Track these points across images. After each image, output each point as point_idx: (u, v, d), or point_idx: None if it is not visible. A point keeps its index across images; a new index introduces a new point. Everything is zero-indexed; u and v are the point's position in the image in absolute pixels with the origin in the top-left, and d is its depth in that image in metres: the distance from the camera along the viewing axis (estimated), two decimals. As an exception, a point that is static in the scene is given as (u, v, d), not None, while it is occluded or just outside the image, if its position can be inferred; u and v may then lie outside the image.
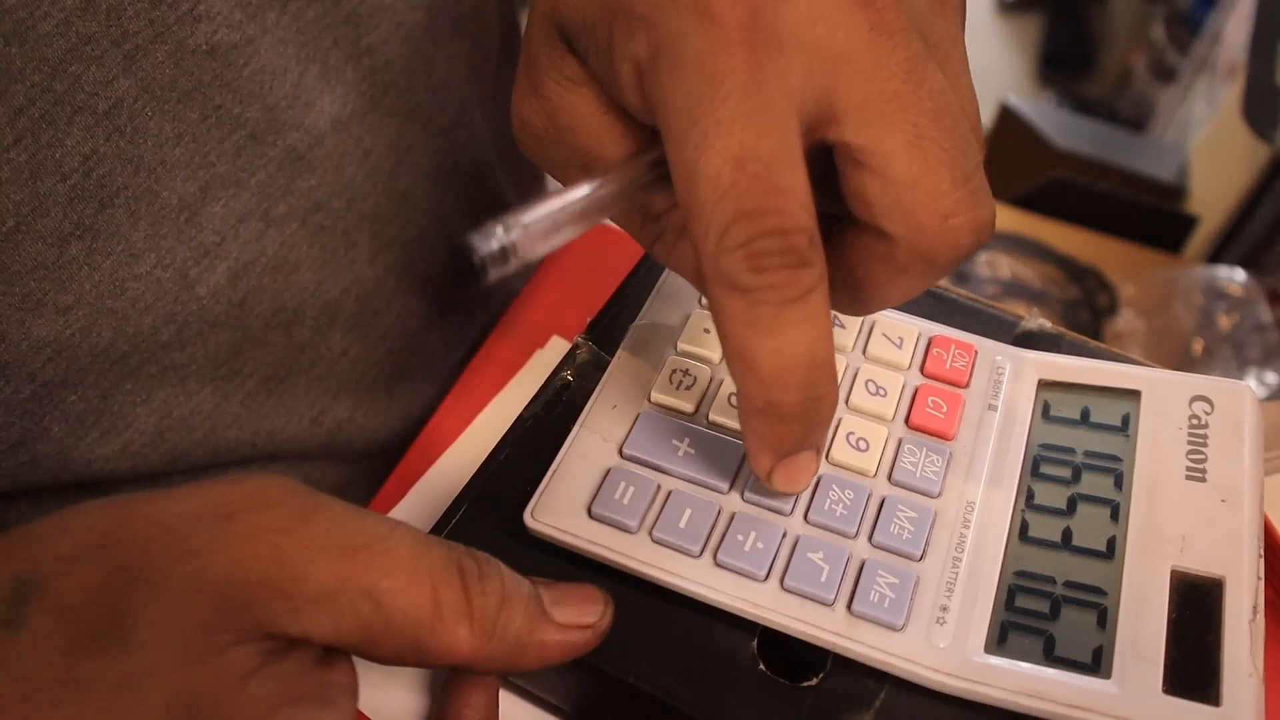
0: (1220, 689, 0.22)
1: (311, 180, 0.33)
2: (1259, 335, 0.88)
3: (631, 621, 0.25)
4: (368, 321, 0.37)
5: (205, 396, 0.33)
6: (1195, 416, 0.27)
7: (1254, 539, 0.24)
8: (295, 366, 0.36)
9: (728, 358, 0.22)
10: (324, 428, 0.37)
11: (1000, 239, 0.98)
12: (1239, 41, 1.12)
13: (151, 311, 0.30)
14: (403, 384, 0.40)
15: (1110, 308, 0.93)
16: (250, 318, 0.33)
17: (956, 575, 0.25)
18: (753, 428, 0.23)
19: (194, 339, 0.32)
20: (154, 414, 0.32)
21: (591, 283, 0.38)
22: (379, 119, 0.35)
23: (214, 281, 0.31)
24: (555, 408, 0.29)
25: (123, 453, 0.32)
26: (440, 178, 0.39)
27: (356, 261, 0.36)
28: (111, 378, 0.30)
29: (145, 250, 0.29)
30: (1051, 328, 0.31)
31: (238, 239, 0.31)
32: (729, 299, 0.21)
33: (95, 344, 0.29)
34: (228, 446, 0.35)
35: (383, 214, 0.36)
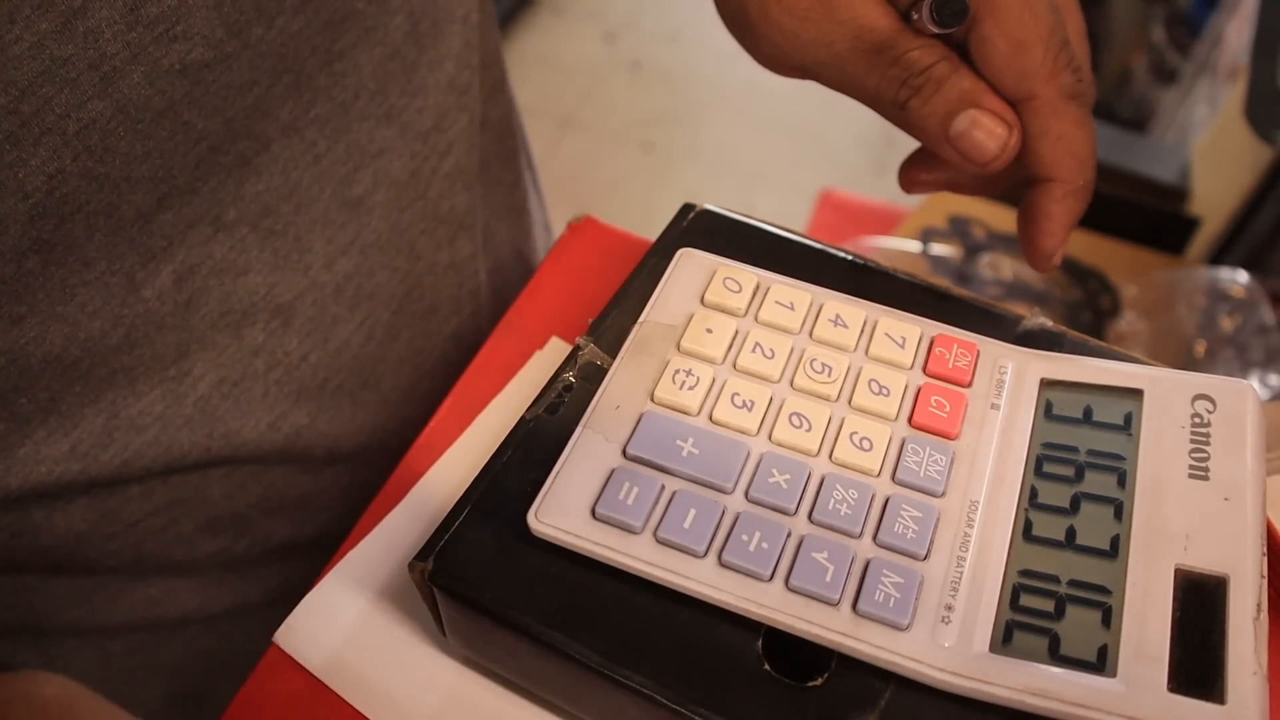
0: (1225, 687, 0.22)
1: (259, 184, 0.33)
2: (1261, 337, 0.88)
3: (635, 622, 0.25)
4: (327, 327, 0.37)
5: (155, 398, 0.33)
6: (1198, 415, 0.27)
7: (1257, 537, 0.24)
8: (249, 370, 0.35)
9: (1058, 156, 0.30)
10: (282, 433, 0.37)
11: (1002, 240, 0.98)
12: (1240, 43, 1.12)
13: (100, 316, 0.30)
14: (368, 392, 0.40)
15: (1113, 309, 0.93)
16: (196, 319, 0.33)
17: (961, 574, 0.25)
18: (1066, 208, 0.31)
19: (141, 341, 0.32)
20: (101, 413, 0.32)
21: (591, 283, 0.38)
22: (345, 123, 0.35)
23: (159, 284, 0.31)
24: (558, 409, 0.29)
25: (71, 453, 0.32)
26: (413, 185, 0.38)
27: (312, 267, 0.36)
28: (62, 381, 0.31)
29: (97, 258, 0.29)
30: (1053, 327, 0.31)
31: (185, 243, 0.32)
32: (1065, 104, 0.29)
33: (47, 351, 0.30)
34: (181, 450, 0.34)
35: (333, 218, 0.36)
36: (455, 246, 0.41)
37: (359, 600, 0.31)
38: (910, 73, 0.30)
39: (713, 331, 0.30)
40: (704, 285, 0.31)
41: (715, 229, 0.34)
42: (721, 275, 0.31)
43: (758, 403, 0.28)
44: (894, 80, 0.30)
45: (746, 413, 0.28)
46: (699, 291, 0.31)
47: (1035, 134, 0.30)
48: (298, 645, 0.30)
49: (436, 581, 0.26)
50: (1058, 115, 0.29)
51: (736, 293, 0.31)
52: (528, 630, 0.25)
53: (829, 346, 0.30)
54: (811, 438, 0.27)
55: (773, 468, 0.27)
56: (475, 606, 0.26)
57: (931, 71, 0.29)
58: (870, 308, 0.30)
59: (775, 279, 0.31)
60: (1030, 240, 0.32)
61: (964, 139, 0.30)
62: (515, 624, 0.25)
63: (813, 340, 0.30)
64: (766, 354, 0.29)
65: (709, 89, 1.94)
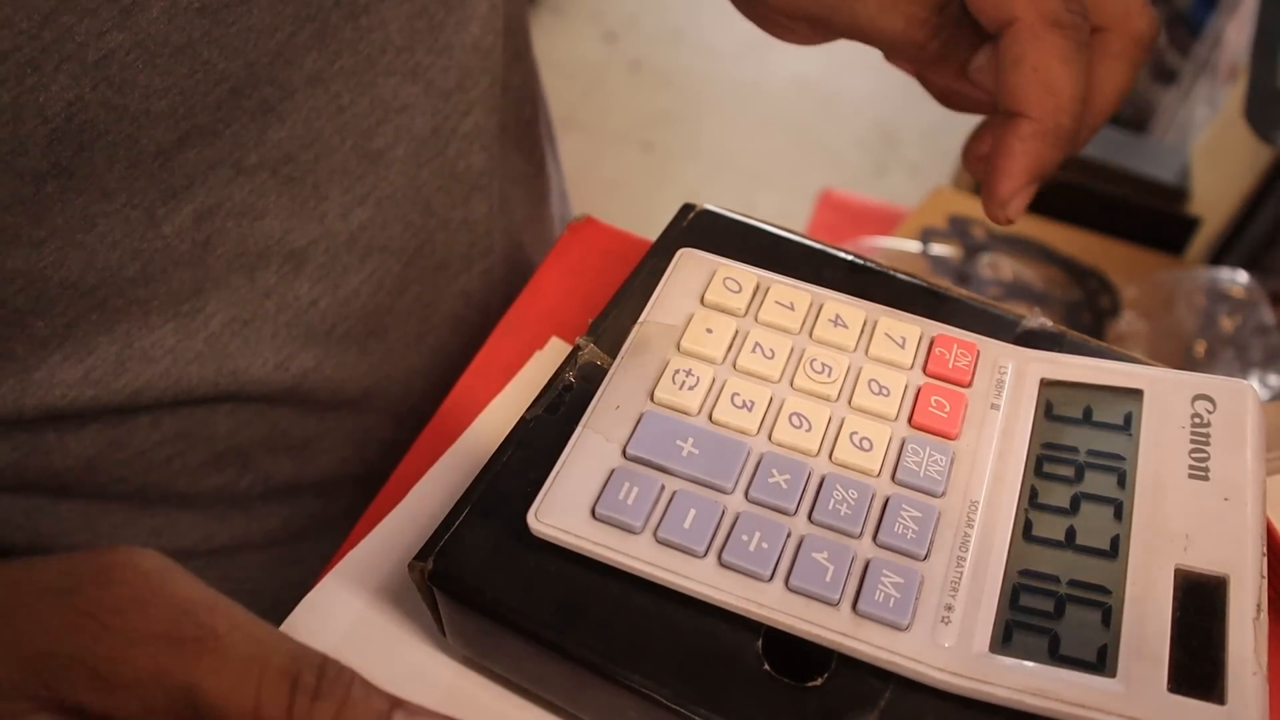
0: (1225, 687, 0.22)
1: (281, 131, 0.34)
2: (1261, 337, 0.88)
3: (635, 622, 0.25)
4: (338, 275, 0.38)
5: (167, 331, 0.34)
6: (1198, 415, 0.27)
7: (1257, 537, 0.24)
8: (260, 311, 0.36)
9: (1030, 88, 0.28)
10: (289, 373, 0.38)
11: (1002, 240, 0.98)
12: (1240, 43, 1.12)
13: (119, 248, 0.31)
14: (374, 341, 0.40)
15: (1112, 309, 0.93)
16: (212, 258, 0.34)
17: (961, 574, 0.25)
18: (1029, 150, 0.28)
19: (158, 275, 0.33)
20: (115, 343, 0.33)
21: (591, 283, 0.38)
22: (371, 77, 0.35)
23: (179, 221, 0.32)
24: (558, 409, 0.29)
25: (85, 379, 0.33)
26: (433, 141, 0.39)
27: (327, 215, 0.36)
28: (79, 308, 0.32)
29: (117, 190, 0.30)
30: (1053, 327, 0.31)
31: (205, 184, 0.32)
32: (1049, 33, 0.27)
33: (65, 276, 0.31)
34: (190, 383, 0.35)
35: (352, 170, 0.37)
36: (469, 205, 0.42)
37: (359, 600, 0.31)
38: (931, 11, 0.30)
39: (713, 331, 0.30)
40: (704, 285, 0.31)
41: (715, 229, 0.34)
42: (721, 275, 0.31)
43: (758, 403, 0.28)
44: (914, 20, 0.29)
45: (746, 413, 0.28)
46: (699, 291, 0.31)
47: (1010, 61, 0.28)
48: (297, 645, 0.30)
49: (436, 581, 0.26)
50: (1036, 41, 0.27)
51: (736, 293, 0.31)
52: (528, 630, 0.25)
53: (829, 346, 0.30)
54: (811, 438, 0.27)
55: (772, 468, 0.27)
56: (475, 606, 0.26)
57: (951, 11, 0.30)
58: (870, 308, 0.30)
59: (775, 279, 0.31)
60: (987, 183, 0.29)
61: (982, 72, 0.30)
62: (515, 624, 0.25)
63: (813, 340, 0.30)
64: (766, 354, 0.29)
65: (709, 89, 1.94)
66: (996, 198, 0.29)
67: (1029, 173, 0.29)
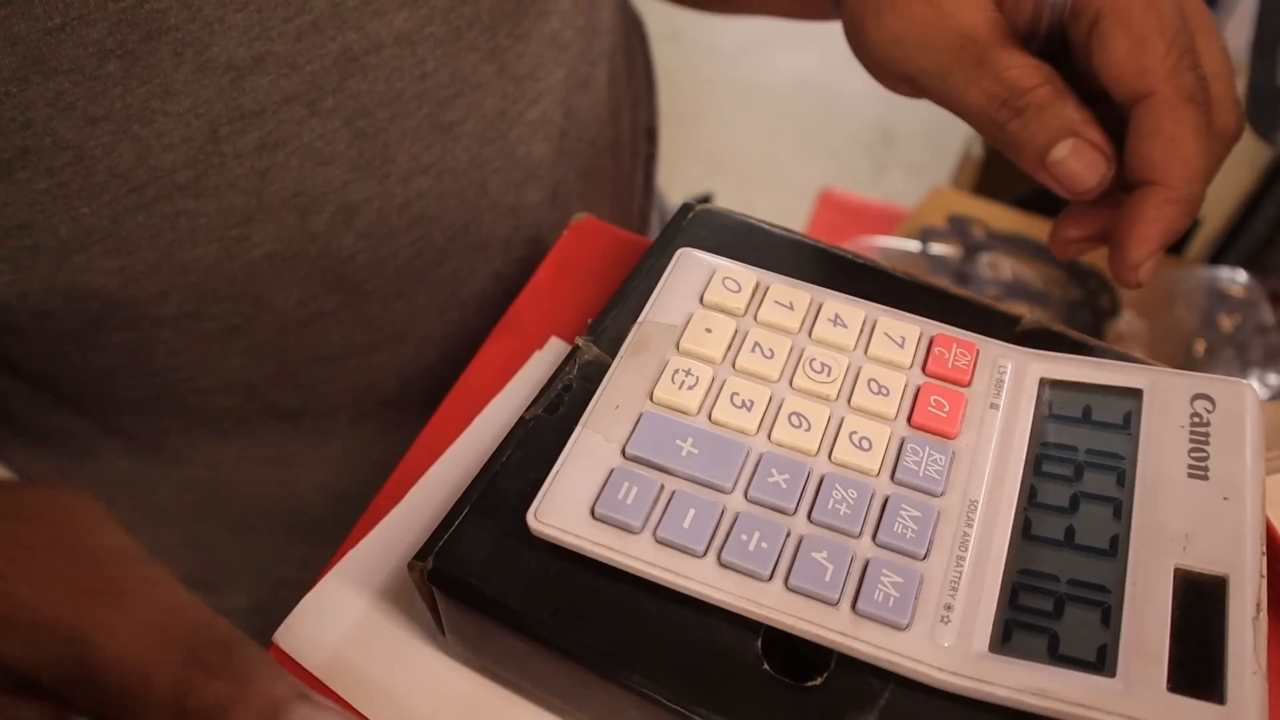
0: (1225, 687, 0.22)
1: (363, 84, 0.34)
2: (1261, 336, 0.88)
3: (635, 622, 0.25)
4: (383, 235, 0.38)
5: (210, 250, 0.35)
6: (1197, 414, 0.27)
7: (1257, 536, 0.24)
8: (301, 251, 0.37)
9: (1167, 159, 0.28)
10: (308, 310, 0.39)
11: (1001, 240, 0.98)
12: (1239, 43, 1.12)
13: (174, 151, 0.32)
14: (400, 302, 0.41)
15: (1112, 309, 0.93)
16: (269, 190, 0.34)
17: (960, 574, 0.25)
18: (1163, 216, 0.29)
19: (210, 191, 0.33)
20: (157, 249, 0.34)
21: (591, 283, 0.38)
22: (454, 49, 0.36)
23: (242, 145, 0.33)
24: (557, 408, 0.29)
25: (120, 273, 0.34)
26: (498, 124, 0.40)
27: (389, 176, 0.37)
28: (125, 203, 0.32)
29: (182, 93, 0.31)
30: (1053, 326, 0.31)
31: (277, 116, 0.33)
32: (1184, 107, 0.28)
33: (115, 164, 0.31)
34: (214, 298, 0.36)
35: (423, 137, 0.37)
36: (521, 191, 0.43)
37: (359, 600, 0.31)
38: (1012, 93, 0.29)
39: (712, 331, 0.30)
40: (703, 285, 0.31)
41: (715, 229, 0.34)
42: (721, 275, 0.31)
43: (757, 402, 0.28)
44: (995, 98, 0.30)
45: (746, 413, 0.28)
46: (698, 291, 0.31)
47: (1146, 133, 0.29)
48: (297, 645, 0.30)
49: (436, 581, 0.26)
50: (1174, 116, 0.29)
51: (736, 292, 0.31)
52: (527, 630, 0.25)
53: (828, 346, 0.30)
54: (811, 437, 0.27)
55: (772, 467, 0.27)
56: (475, 606, 0.26)
57: (1033, 95, 0.29)
58: (870, 307, 0.30)
59: (774, 279, 0.31)
60: (1120, 248, 0.30)
61: (1061, 167, 0.29)
62: (515, 624, 0.25)
63: (812, 340, 0.30)
64: (766, 354, 0.29)
65: (709, 89, 1.94)
66: (1130, 262, 0.30)
67: (1161, 238, 0.30)
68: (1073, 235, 0.33)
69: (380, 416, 0.45)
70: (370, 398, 0.44)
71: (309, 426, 0.44)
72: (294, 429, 0.44)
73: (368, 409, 0.44)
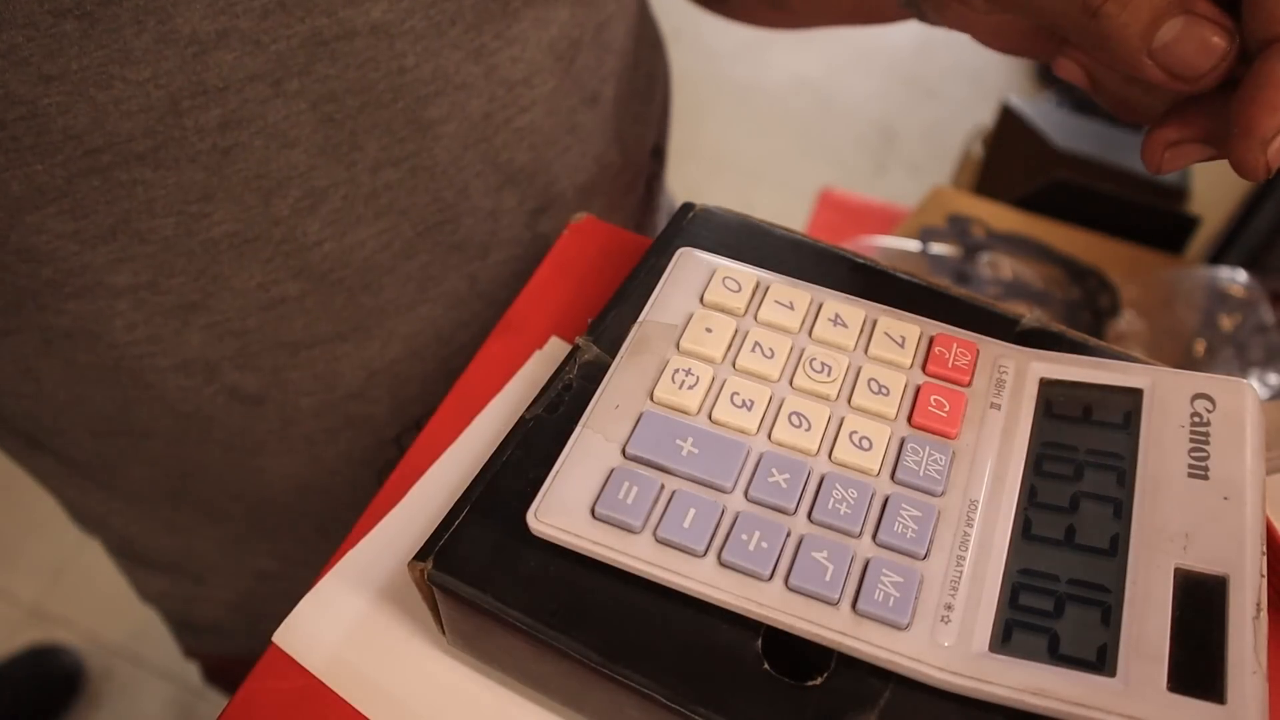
0: (1225, 686, 0.22)
1: (331, 69, 0.34)
2: (1261, 336, 0.88)
3: (635, 622, 0.25)
4: (349, 223, 0.38)
5: (168, 222, 0.34)
6: (1197, 414, 0.27)
7: (1257, 536, 0.24)
8: (264, 234, 0.36)
9: None
10: (269, 295, 0.38)
11: (1001, 240, 0.98)
12: (1239, 42, 1.12)
13: (132, 119, 0.31)
14: (366, 295, 0.41)
15: (1112, 308, 0.93)
16: (230, 170, 0.34)
17: (960, 573, 0.25)
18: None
19: (170, 163, 0.33)
20: (113, 215, 0.33)
21: (591, 283, 0.38)
22: (435, 45, 0.36)
23: (204, 120, 0.32)
24: (557, 408, 0.29)
25: (74, 236, 0.34)
26: (484, 128, 0.39)
27: (357, 165, 0.37)
28: (80, 165, 0.32)
29: (142, 61, 0.30)
30: (1053, 326, 0.31)
31: (241, 94, 0.33)
32: None
33: (70, 125, 0.31)
34: (172, 270, 0.36)
35: (396, 130, 0.37)
36: (501, 196, 0.42)
37: (359, 600, 0.31)
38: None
39: (712, 331, 0.30)
40: (703, 285, 0.31)
41: (715, 228, 0.34)
42: (721, 275, 0.31)
43: (757, 402, 0.28)
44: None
45: (746, 412, 0.28)
46: (698, 291, 0.31)
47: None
48: (297, 644, 0.30)
49: (436, 581, 0.26)
50: None
51: (736, 292, 0.31)
52: (528, 630, 0.25)
53: (828, 346, 0.30)
54: (811, 437, 0.27)
55: (772, 467, 0.27)
56: (475, 606, 0.26)
57: None
58: (870, 307, 0.30)
59: (775, 278, 0.31)
60: (1246, 124, 0.25)
61: (1170, 52, 0.25)
62: (515, 624, 0.25)
63: (812, 340, 0.30)
64: (766, 353, 0.29)
65: (708, 89, 1.94)
66: (1260, 135, 0.25)
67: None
68: (1173, 137, 0.29)
69: (345, 409, 0.45)
70: (336, 388, 0.44)
71: (273, 414, 0.44)
72: (257, 415, 0.43)
73: (333, 400, 0.44)
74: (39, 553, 1.35)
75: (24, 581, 1.33)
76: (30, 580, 1.33)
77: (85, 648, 1.27)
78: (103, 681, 1.26)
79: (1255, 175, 0.25)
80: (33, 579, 1.33)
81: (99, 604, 1.30)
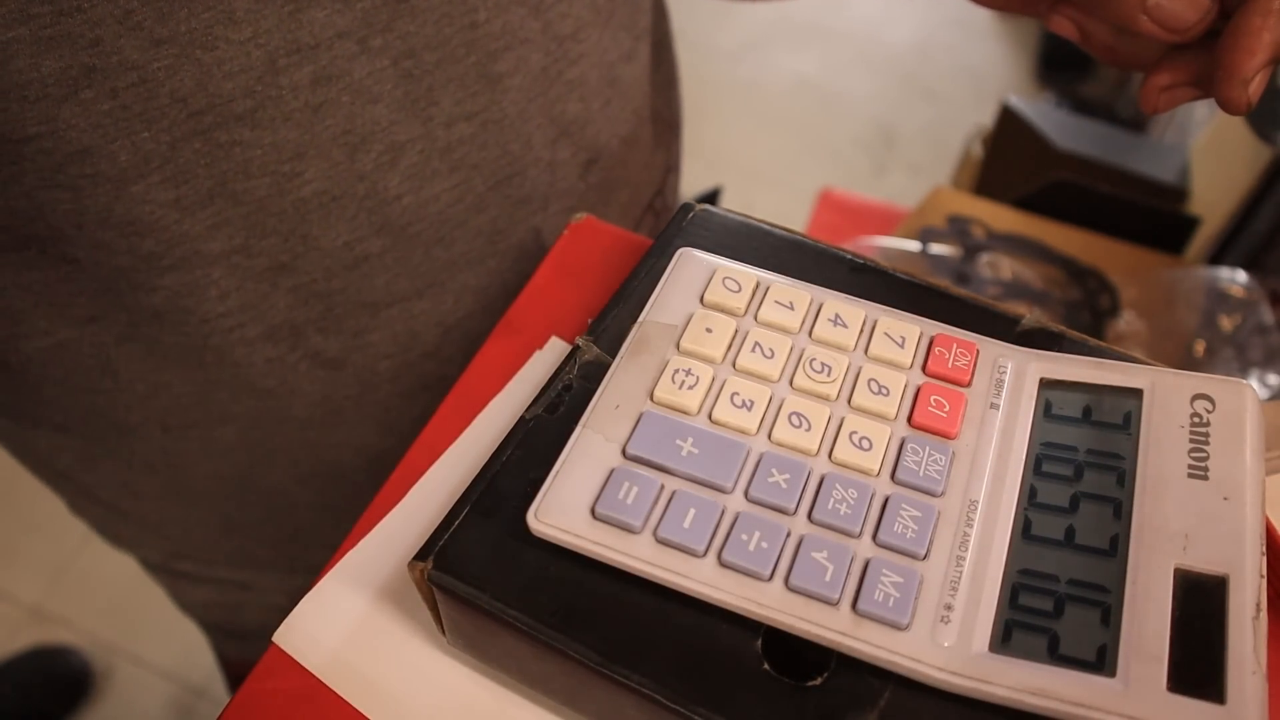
0: (1225, 687, 0.22)
1: (411, 25, 0.35)
2: (1261, 336, 0.88)
3: (635, 622, 0.25)
4: (426, 178, 0.39)
5: (262, 184, 0.36)
6: (1197, 414, 0.27)
7: (1257, 536, 0.24)
8: (349, 191, 0.38)
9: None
10: (354, 253, 0.40)
11: (1001, 240, 0.98)
12: (1239, 42, 1.12)
13: (233, 79, 0.33)
14: (440, 249, 0.42)
15: (1112, 309, 0.93)
16: (320, 126, 0.35)
17: (960, 574, 0.25)
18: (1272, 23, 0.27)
19: (266, 123, 0.34)
20: (212, 179, 0.35)
21: (591, 283, 0.38)
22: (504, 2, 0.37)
23: (298, 77, 0.34)
24: (557, 408, 0.29)
25: (175, 204, 0.35)
26: (543, 81, 0.41)
27: (433, 120, 0.38)
28: (183, 129, 0.33)
29: (244, 20, 0.32)
30: (1053, 326, 0.31)
31: (330, 51, 0.34)
32: None
33: (176, 88, 0.32)
34: (264, 232, 0.37)
35: (469, 85, 0.38)
36: (556, 148, 0.43)
37: (359, 600, 0.31)
38: None
39: (712, 331, 0.30)
40: (703, 285, 0.31)
41: (715, 229, 0.34)
42: (721, 275, 0.31)
43: (757, 402, 0.28)
44: None
45: (746, 412, 0.28)
46: (698, 291, 0.31)
47: None
48: (297, 644, 0.30)
49: (436, 581, 0.26)
50: None
51: (736, 292, 0.31)
52: (528, 630, 0.25)
53: (828, 346, 0.30)
54: (811, 437, 0.27)
55: (772, 467, 0.27)
56: (475, 606, 0.26)
57: None
58: (870, 307, 0.30)
59: (775, 279, 0.31)
60: (1229, 66, 0.29)
61: (1162, 9, 0.29)
62: (515, 624, 0.25)
63: (812, 340, 0.30)
64: (766, 354, 0.29)
65: (709, 89, 1.94)
66: (1239, 75, 0.29)
67: (1271, 49, 0.28)
68: (1164, 82, 0.32)
69: (421, 368, 0.46)
70: (412, 348, 0.45)
71: (351, 378, 0.45)
72: (337, 379, 0.45)
73: (410, 360, 0.45)
74: (39, 553, 1.35)
75: (24, 581, 1.33)
76: (30, 580, 1.33)
77: (85, 648, 1.27)
78: (103, 681, 1.26)
79: (1239, 109, 0.29)
80: (33, 579, 1.33)
81: (99, 604, 1.30)
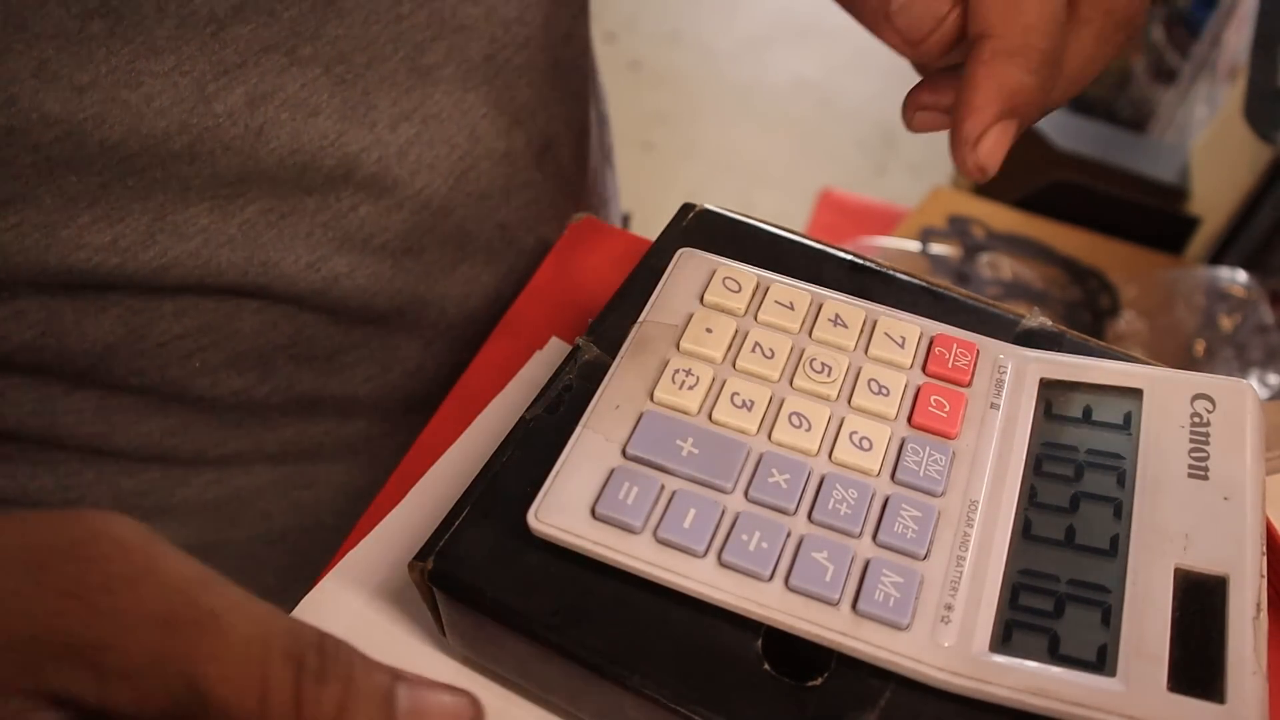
0: (1225, 686, 0.22)
1: (339, 28, 0.34)
2: (1261, 336, 0.88)
3: (635, 622, 0.25)
4: (386, 186, 0.38)
5: (202, 210, 0.34)
6: (1197, 414, 0.27)
7: (1257, 536, 0.24)
8: (300, 207, 0.36)
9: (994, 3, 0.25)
10: (319, 275, 0.37)
11: (1002, 240, 0.98)
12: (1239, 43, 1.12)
13: (166, 116, 0.31)
14: (410, 259, 0.40)
15: (1112, 309, 0.93)
16: (265, 150, 0.34)
17: (960, 574, 0.25)
18: (994, 74, 0.25)
19: (204, 156, 0.32)
20: (148, 213, 0.33)
21: (591, 283, 0.38)
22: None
23: (231, 101, 0.32)
24: (558, 408, 0.29)
25: (113, 245, 0.32)
26: (484, 67, 0.39)
27: (377, 124, 0.36)
28: (115, 171, 0.31)
29: (166, 50, 0.30)
30: (1053, 326, 0.31)
31: (258, 67, 0.32)
32: None
33: (106, 137, 0.30)
34: (219, 267, 0.35)
35: (400, 82, 0.37)
36: (511, 137, 0.42)
37: (358, 600, 0.31)
38: None
39: (712, 331, 0.30)
40: (704, 285, 0.31)
41: (715, 229, 0.34)
42: (721, 275, 0.31)
43: (757, 402, 0.28)
44: None
45: (746, 412, 0.28)
46: (699, 291, 0.31)
47: None
48: (298, 645, 0.30)
49: (436, 581, 0.26)
50: None
51: (736, 292, 0.31)
52: (528, 630, 0.25)
53: (829, 346, 0.30)
54: (811, 437, 0.27)
55: (772, 467, 0.27)
56: (475, 606, 0.26)
57: None
58: (870, 307, 0.30)
59: (775, 279, 0.31)
60: (955, 120, 0.27)
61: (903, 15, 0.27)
62: (515, 624, 0.25)
63: (812, 340, 0.30)
64: (766, 354, 0.29)
65: (709, 89, 1.94)
66: (963, 137, 0.27)
67: (998, 103, 0.26)
68: (924, 101, 0.31)
69: (406, 388, 0.44)
70: (393, 368, 0.43)
71: (330, 408, 0.42)
72: (313, 412, 0.42)
73: (392, 380, 0.43)
74: (39, 553, 1.35)
75: (24, 581, 1.33)
76: (30, 580, 1.33)
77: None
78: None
79: (972, 175, 0.27)
80: (33, 579, 1.33)
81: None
